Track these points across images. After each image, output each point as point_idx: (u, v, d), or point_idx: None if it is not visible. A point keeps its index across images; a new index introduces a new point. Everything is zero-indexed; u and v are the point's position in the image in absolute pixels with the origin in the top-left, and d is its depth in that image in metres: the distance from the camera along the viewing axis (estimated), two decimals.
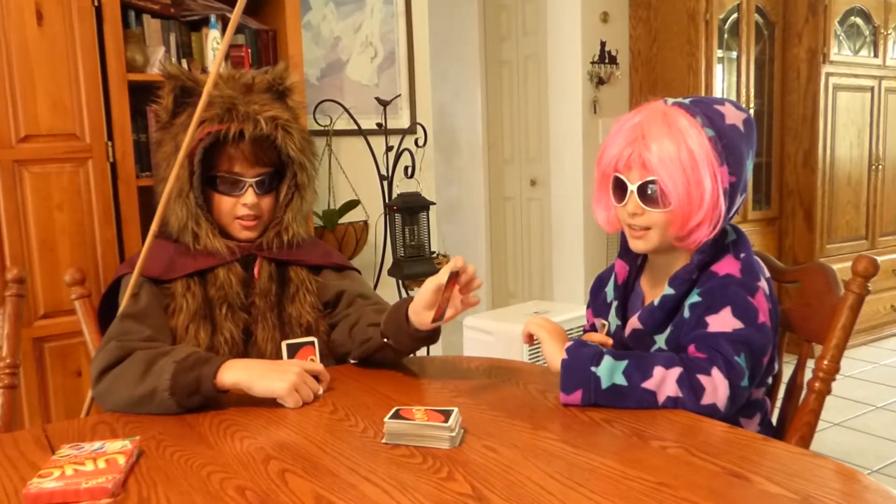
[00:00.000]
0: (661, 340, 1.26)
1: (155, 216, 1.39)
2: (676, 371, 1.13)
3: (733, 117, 1.22)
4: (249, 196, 1.41)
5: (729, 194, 1.21)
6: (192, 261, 1.40)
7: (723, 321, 1.17)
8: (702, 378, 1.12)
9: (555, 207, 4.32)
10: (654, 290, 1.33)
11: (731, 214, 1.24)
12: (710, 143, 1.18)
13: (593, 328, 1.47)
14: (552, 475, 0.91)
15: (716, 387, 1.12)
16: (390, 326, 1.33)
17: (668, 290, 1.25)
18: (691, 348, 1.18)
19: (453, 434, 1.04)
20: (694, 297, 1.21)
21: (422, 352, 2.98)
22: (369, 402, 1.24)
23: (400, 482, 0.91)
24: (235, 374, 1.21)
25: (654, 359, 1.15)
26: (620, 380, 1.13)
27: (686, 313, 1.21)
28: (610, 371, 1.14)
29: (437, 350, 3.36)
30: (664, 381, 1.12)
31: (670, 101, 1.24)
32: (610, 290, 1.41)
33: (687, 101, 1.24)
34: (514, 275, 4.86)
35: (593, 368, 1.14)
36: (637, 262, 1.38)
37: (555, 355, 1.20)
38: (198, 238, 1.40)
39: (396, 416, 1.07)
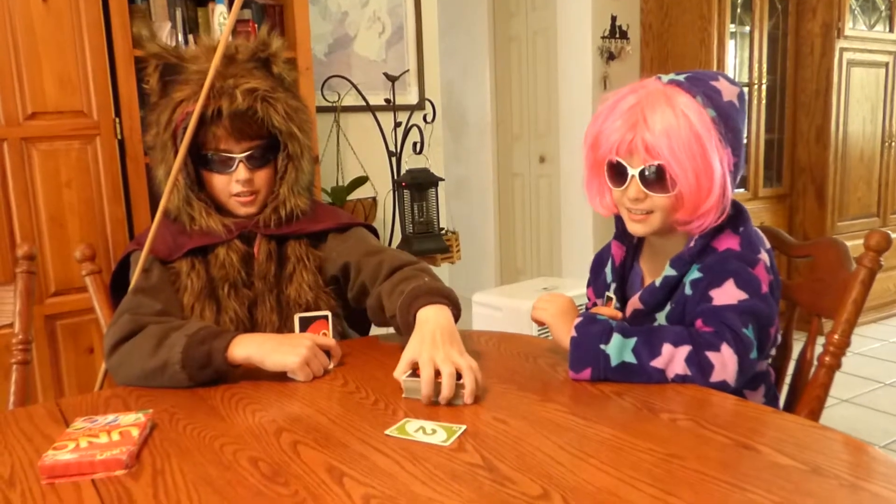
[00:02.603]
0: (661, 318, 1.26)
1: (162, 197, 1.39)
2: (685, 349, 1.12)
3: (729, 93, 1.20)
4: (241, 172, 1.38)
5: (732, 175, 1.19)
6: (190, 240, 1.39)
7: (727, 293, 1.16)
8: (711, 355, 1.12)
9: (564, 184, 4.30)
10: (653, 270, 1.32)
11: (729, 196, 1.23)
12: (713, 124, 1.15)
13: (594, 306, 1.46)
14: (562, 446, 0.92)
15: (725, 363, 1.12)
16: (400, 320, 1.28)
17: (670, 271, 1.24)
18: (699, 322, 1.17)
19: (465, 391, 1.07)
20: (694, 274, 1.20)
21: None
22: (380, 375, 1.25)
23: (411, 453, 0.92)
24: (247, 348, 1.21)
25: (664, 335, 1.14)
26: (630, 357, 1.13)
27: (688, 290, 1.20)
28: (619, 349, 1.14)
29: None
30: (673, 360, 1.12)
31: (665, 78, 1.21)
32: (608, 271, 1.40)
33: (682, 77, 1.20)
34: (522, 251, 4.86)
35: (602, 346, 1.14)
36: (633, 242, 1.37)
37: (563, 334, 1.21)
38: (193, 218, 1.39)
39: (413, 374, 1.11)
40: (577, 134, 4.16)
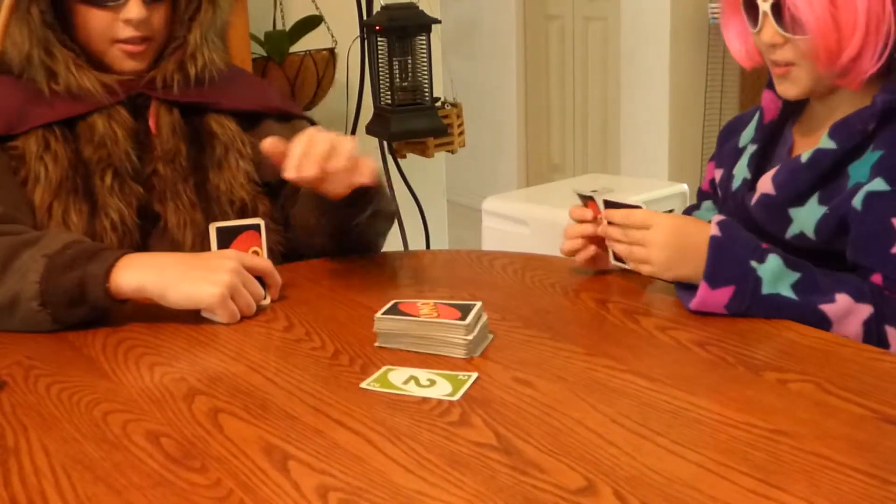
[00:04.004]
0: (799, 222, 1.29)
1: None
2: (866, 310, 1.18)
3: None
4: (134, 7, 1.37)
5: None
6: (48, 107, 1.39)
7: None
8: (890, 331, 1.18)
9: (627, 31, 4.25)
10: (808, 141, 1.35)
11: None
12: None
13: (713, 188, 1.50)
14: (615, 419, 0.93)
15: None
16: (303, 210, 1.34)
17: (827, 143, 1.27)
18: (877, 277, 1.21)
19: (470, 337, 1.09)
20: (877, 183, 1.22)
21: (421, 246, 3.01)
22: (340, 315, 1.25)
23: (390, 428, 0.93)
24: (139, 273, 1.22)
25: (838, 281, 1.20)
26: (788, 292, 1.19)
27: (857, 203, 1.22)
28: (775, 275, 1.19)
29: (442, 247, 3.39)
30: (847, 317, 1.18)
31: None
32: (749, 131, 1.44)
33: None
34: (559, 137, 4.84)
35: (753, 263, 1.19)
36: (792, 101, 1.41)
37: (691, 233, 1.24)
38: (54, 74, 1.38)
39: (394, 310, 1.15)
40: None
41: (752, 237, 1.24)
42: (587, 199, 1.36)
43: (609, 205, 1.31)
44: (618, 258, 1.33)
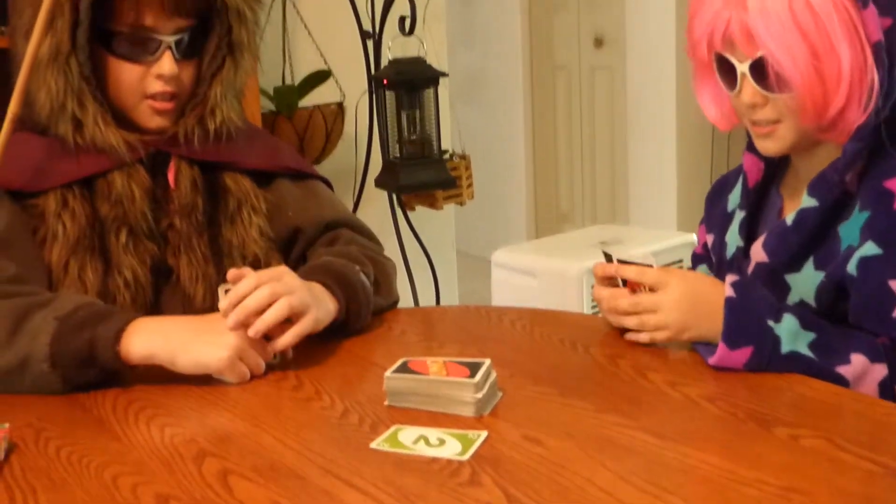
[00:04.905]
0: (797, 289, 1.29)
1: (14, 92, 1.39)
2: (881, 370, 1.18)
3: None
4: (167, 63, 1.39)
5: (888, 45, 1.21)
6: (71, 163, 1.40)
7: None
8: None
9: (633, 81, 4.28)
10: (795, 202, 1.35)
11: None
12: None
13: (706, 252, 1.50)
14: (625, 477, 0.93)
15: None
16: None
17: (809, 201, 1.26)
18: (884, 339, 1.21)
19: (480, 396, 1.09)
20: (869, 247, 1.21)
21: (431, 301, 3.01)
22: (350, 373, 1.26)
23: (400, 489, 0.93)
24: (148, 340, 1.23)
25: (852, 340, 1.20)
26: (806, 350, 1.19)
27: (852, 269, 1.22)
28: (793, 334, 1.20)
29: (452, 300, 3.39)
30: (865, 377, 1.18)
31: None
32: (735, 195, 1.43)
33: None
34: (567, 187, 4.86)
35: (771, 323, 1.20)
36: (775, 161, 1.40)
37: (705, 291, 1.24)
38: (81, 127, 1.39)
39: (403, 369, 1.15)
40: (654, 2, 4.12)
41: (767, 295, 1.24)
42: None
43: (622, 263, 1.31)
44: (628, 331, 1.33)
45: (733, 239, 1.40)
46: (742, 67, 1.24)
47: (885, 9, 1.21)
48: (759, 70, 1.22)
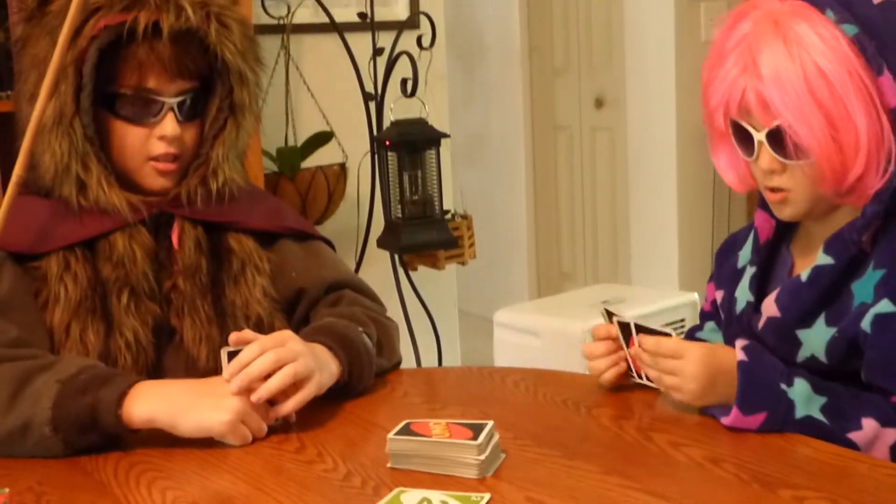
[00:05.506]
0: (809, 344, 1.29)
1: (19, 155, 1.40)
2: (892, 434, 1.19)
3: None
4: (169, 125, 1.41)
5: None
6: (74, 225, 1.41)
7: None
8: None
9: (634, 141, 4.30)
10: (807, 260, 1.35)
11: None
12: (852, 49, 1.20)
13: (714, 309, 1.50)
14: None
15: None
16: None
17: (824, 259, 1.27)
18: None
19: (483, 457, 1.09)
20: (884, 305, 1.22)
21: (433, 360, 3.00)
22: (353, 435, 1.25)
23: None
24: (149, 404, 1.23)
25: (862, 404, 1.21)
26: (819, 415, 1.20)
27: (866, 325, 1.23)
28: (806, 398, 1.21)
29: (454, 359, 3.38)
30: (876, 442, 1.19)
31: None
32: (746, 251, 1.44)
33: None
34: (569, 246, 4.86)
35: (784, 387, 1.21)
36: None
37: (723, 360, 1.23)
38: (85, 189, 1.40)
39: (406, 431, 1.14)
40: (653, 64, 4.15)
41: (775, 359, 1.25)
42: (620, 324, 1.36)
43: (640, 329, 1.31)
44: (641, 375, 1.33)
45: (743, 294, 1.40)
46: (759, 136, 1.25)
47: None
48: (777, 139, 1.23)
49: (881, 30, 1.21)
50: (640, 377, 1.34)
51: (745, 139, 1.28)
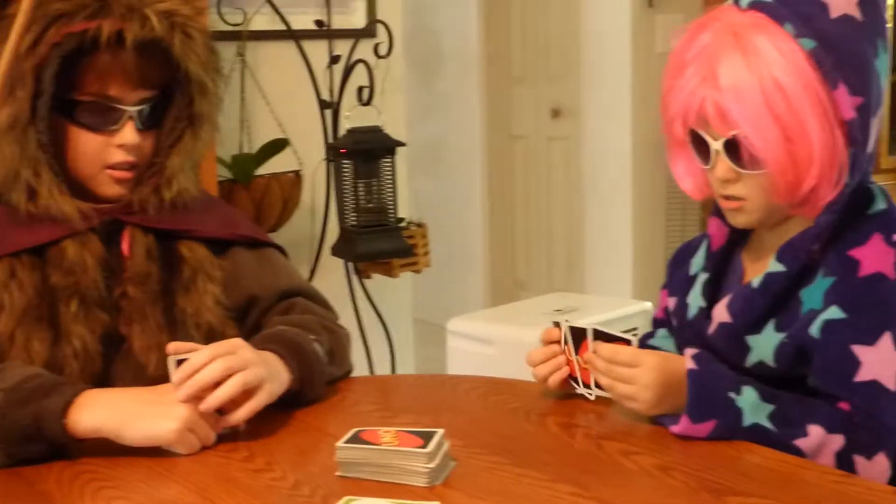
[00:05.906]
0: (758, 350, 1.30)
1: None
2: (838, 440, 1.20)
3: (841, 4, 1.25)
4: (129, 133, 1.40)
5: (860, 122, 1.24)
6: (23, 231, 1.39)
7: (883, 361, 1.21)
8: (859, 461, 1.19)
9: (589, 151, 4.32)
10: (758, 267, 1.37)
11: (868, 150, 1.27)
12: (809, 63, 1.22)
13: (667, 316, 1.51)
14: None
15: (873, 477, 1.17)
16: None
17: (776, 266, 1.29)
18: (844, 405, 1.23)
19: (432, 465, 1.09)
20: (833, 311, 1.24)
21: (387, 368, 2.99)
22: (302, 443, 1.25)
23: None
24: (96, 413, 1.22)
25: (809, 411, 1.22)
26: (767, 423, 1.21)
27: (815, 332, 1.24)
28: (754, 406, 1.22)
29: (408, 368, 3.38)
30: (822, 449, 1.19)
31: (745, 1, 1.27)
32: (699, 259, 1.45)
33: None
34: (524, 255, 4.87)
35: (732, 395, 1.22)
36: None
37: (677, 370, 1.24)
38: (35, 196, 1.38)
39: (355, 439, 1.14)
40: (609, 74, 4.18)
41: (726, 368, 1.26)
42: (574, 330, 1.35)
43: (599, 335, 1.31)
44: (593, 385, 1.33)
45: (695, 300, 1.41)
46: (716, 145, 1.26)
47: (856, 88, 1.23)
48: (733, 148, 1.25)
49: (838, 44, 1.23)
50: (580, 385, 1.34)
51: (702, 148, 1.30)
